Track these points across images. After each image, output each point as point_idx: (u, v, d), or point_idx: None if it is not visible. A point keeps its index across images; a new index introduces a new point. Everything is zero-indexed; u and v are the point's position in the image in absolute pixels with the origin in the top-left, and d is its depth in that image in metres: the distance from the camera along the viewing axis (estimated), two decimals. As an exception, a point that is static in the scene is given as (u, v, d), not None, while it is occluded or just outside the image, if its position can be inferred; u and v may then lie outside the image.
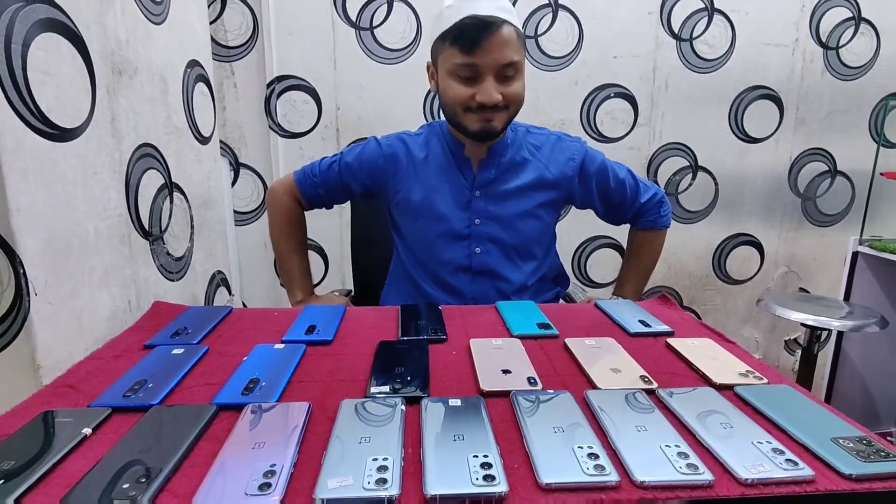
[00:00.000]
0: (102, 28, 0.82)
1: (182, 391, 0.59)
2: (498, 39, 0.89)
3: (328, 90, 1.63)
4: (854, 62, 1.77)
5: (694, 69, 1.72)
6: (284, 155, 1.66)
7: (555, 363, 0.66)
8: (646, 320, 0.80)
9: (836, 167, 1.85)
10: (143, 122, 0.94)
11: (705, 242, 1.86)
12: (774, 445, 0.47)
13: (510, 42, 0.90)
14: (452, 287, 1.06)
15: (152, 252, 0.97)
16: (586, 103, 1.71)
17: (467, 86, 0.92)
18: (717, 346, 0.71)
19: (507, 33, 0.90)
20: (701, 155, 1.79)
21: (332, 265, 1.76)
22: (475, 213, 1.04)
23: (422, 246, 1.07)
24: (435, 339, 0.73)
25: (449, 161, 1.05)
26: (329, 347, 0.71)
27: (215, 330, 0.78)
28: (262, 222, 1.71)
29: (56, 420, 0.51)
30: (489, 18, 0.88)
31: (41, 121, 0.67)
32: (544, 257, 1.11)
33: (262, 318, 0.83)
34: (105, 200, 0.82)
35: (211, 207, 1.28)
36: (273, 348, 0.69)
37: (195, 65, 1.21)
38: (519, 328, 0.76)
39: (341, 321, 0.81)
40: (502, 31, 0.89)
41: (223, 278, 1.36)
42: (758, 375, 0.61)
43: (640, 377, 0.61)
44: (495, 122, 0.94)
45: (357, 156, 1.08)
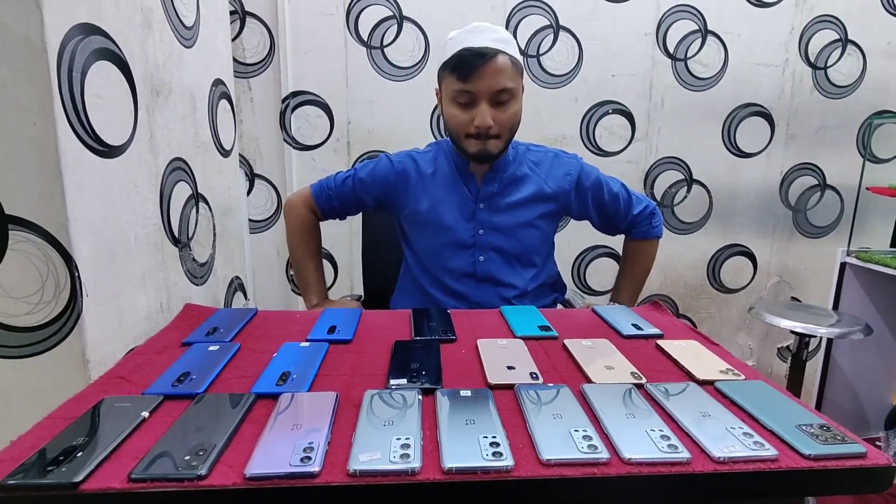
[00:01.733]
0: (144, 54, 0.90)
1: (222, 382, 0.66)
2: (491, 68, 0.98)
3: (340, 105, 1.72)
4: (841, 81, 1.85)
5: (688, 87, 1.80)
6: (298, 166, 1.74)
7: (554, 361, 0.73)
8: (638, 324, 0.87)
9: (825, 181, 1.92)
10: (175, 138, 1.02)
11: (700, 252, 1.94)
12: (745, 430, 0.54)
13: (504, 70, 0.99)
14: (458, 292, 1.14)
15: (181, 258, 1.04)
16: (586, 119, 1.79)
17: (465, 111, 1.02)
18: (701, 348, 0.78)
19: (502, 62, 0.99)
20: (695, 168, 1.87)
21: (342, 271, 1.84)
22: (479, 224, 1.12)
23: (429, 254, 1.15)
24: (445, 339, 0.80)
25: (455, 176, 1.13)
26: (349, 346, 0.78)
27: (244, 329, 0.85)
28: (276, 230, 1.79)
29: (116, 405, 0.59)
30: (484, 50, 0.97)
31: (94, 139, 0.75)
32: (543, 265, 1.19)
33: (286, 320, 0.90)
34: (143, 211, 0.90)
35: (230, 216, 1.35)
36: (299, 346, 0.76)
37: (219, 83, 1.29)
38: (522, 330, 0.84)
39: (359, 323, 0.88)
40: (496, 61, 0.98)
41: (240, 283, 1.44)
42: (736, 373, 0.68)
43: (631, 373, 0.68)
44: (490, 146, 1.04)
45: (370, 172, 1.16)
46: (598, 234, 1.85)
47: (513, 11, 1.70)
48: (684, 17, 1.75)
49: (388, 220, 1.42)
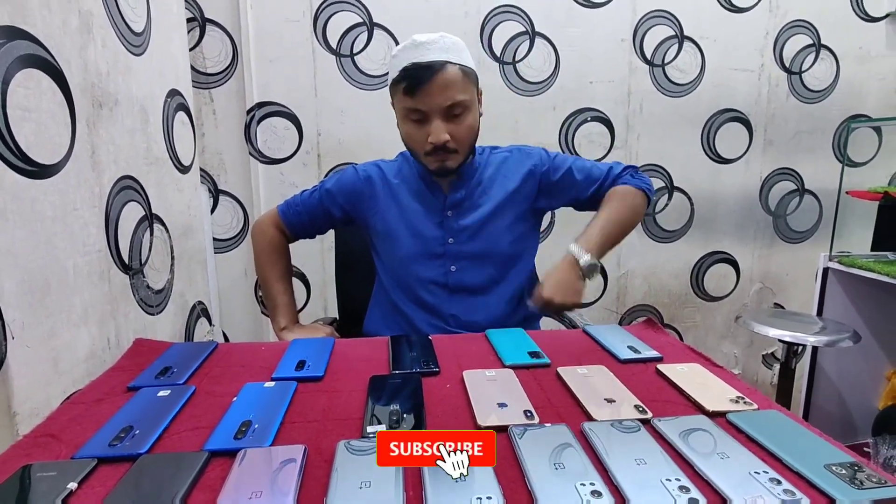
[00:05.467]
0: (83, 61, 0.81)
1: (171, 437, 0.57)
2: (439, 83, 0.93)
3: (309, 116, 1.63)
4: (816, 86, 1.85)
5: (667, 93, 1.77)
6: (265, 181, 1.64)
7: (549, 394, 0.66)
8: (634, 346, 0.81)
9: (803, 186, 1.92)
10: (123, 155, 0.93)
11: (683, 261, 1.91)
12: (771, 475, 0.48)
13: (454, 83, 0.94)
14: (431, 306, 1.07)
15: (132, 286, 0.94)
16: (564, 126, 1.75)
17: (419, 127, 0.98)
18: (706, 372, 0.72)
19: (451, 74, 0.93)
20: (676, 175, 1.84)
21: (315, 291, 1.74)
22: (448, 233, 1.06)
23: (399, 266, 1.09)
24: (428, 371, 0.73)
25: (420, 184, 1.09)
26: (320, 384, 0.70)
27: (201, 368, 0.75)
28: (243, 249, 1.69)
29: (37, 475, 0.49)
30: (430, 63, 0.92)
31: (20, 158, 0.66)
32: (521, 271, 1.12)
33: (249, 354, 0.81)
34: (85, 236, 0.80)
35: (191, 237, 1.25)
36: (263, 387, 0.67)
37: (175, 94, 1.19)
38: (511, 358, 0.76)
39: (331, 355, 0.80)
40: (444, 74, 0.93)
41: (203, 308, 1.33)
42: (748, 401, 0.62)
43: (635, 406, 0.61)
44: (450, 162, 1.00)
45: (336, 182, 1.13)
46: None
47: (487, 17, 1.65)
48: (660, 23, 1.72)
49: (362, 236, 1.34)
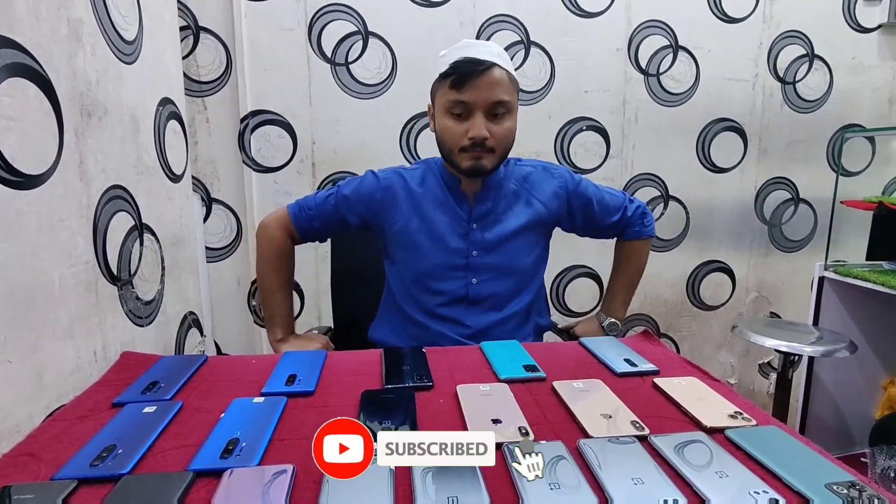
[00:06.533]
0: (72, 70, 0.80)
1: (155, 456, 0.55)
2: (487, 79, 0.94)
3: (303, 125, 1.62)
4: (810, 96, 1.86)
5: (662, 103, 1.78)
6: (259, 189, 1.63)
7: (544, 409, 0.65)
8: (631, 359, 0.80)
9: (798, 195, 1.92)
10: (112, 164, 0.91)
11: (679, 270, 1.90)
12: (771, 495, 0.47)
13: (500, 83, 0.96)
14: (447, 317, 1.06)
15: (121, 298, 0.93)
16: (560, 136, 1.75)
17: (460, 123, 0.98)
18: (703, 386, 0.71)
19: (498, 74, 0.96)
20: (671, 185, 1.84)
21: (309, 300, 1.73)
22: (473, 245, 1.06)
23: (418, 277, 1.07)
24: (421, 385, 0.71)
25: (446, 195, 1.07)
26: (311, 399, 0.68)
27: (190, 382, 0.74)
28: (236, 259, 1.67)
29: (15, 498, 0.47)
30: (481, 60, 0.94)
31: (5, 169, 0.64)
32: (538, 284, 1.15)
33: (239, 367, 0.80)
34: (71, 247, 0.78)
35: (182, 246, 1.24)
36: (252, 402, 0.66)
37: (167, 102, 1.18)
38: (505, 371, 0.75)
39: (322, 368, 0.78)
40: (493, 72, 0.95)
41: (195, 319, 1.31)
42: (746, 417, 0.61)
43: (632, 423, 0.60)
44: (485, 161, 0.99)
45: (355, 189, 1.09)
46: (577, 253, 1.82)
47: (482, 27, 1.65)
48: (655, 33, 1.73)
49: (359, 243, 1.32)
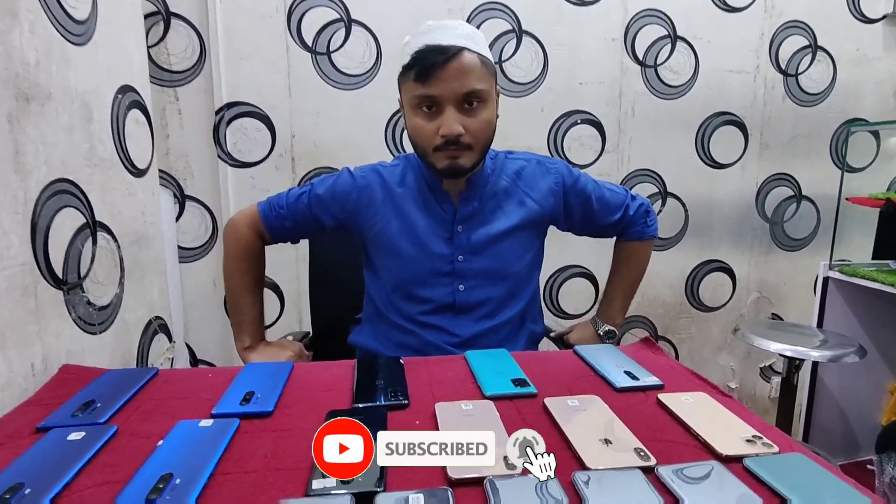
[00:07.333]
0: (4, 49, 0.71)
1: (72, 495, 0.46)
2: (455, 67, 0.84)
3: (282, 117, 1.54)
4: (813, 88, 1.79)
5: (659, 95, 1.70)
6: (235, 186, 1.54)
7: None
8: (632, 371, 0.72)
9: (800, 192, 1.85)
10: (57, 155, 0.82)
11: (677, 270, 1.83)
12: (806, 547, 0.39)
13: (471, 70, 0.85)
14: (437, 326, 0.97)
15: (67, 303, 0.84)
16: (553, 129, 1.67)
17: (430, 120, 0.87)
18: (714, 403, 0.63)
19: (468, 61, 0.84)
20: (669, 181, 1.76)
21: (289, 303, 1.64)
22: (458, 249, 0.96)
23: (400, 284, 0.98)
24: (395, 404, 0.63)
25: (427, 195, 0.98)
26: (268, 421, 0.60)
27: (133, 401, 0.65)
28: (211, 258, 1.58)
29: None
30: (446, 47, 0.83)
31: None
32: (530, 289, 1.05)
33: (193, 382, 0.71)
34: (3, 248, 0.69)
35: (146, 246, 1.15)
36: (198, 426, 0.57)
37: (128, 90, 1.09)
38: (491, 387, 0.67)
39: (286, 382, 0.70)
40: (461, 59, 0.84)
41: (161, 324, 1.22)
42: (766, 442, 0.53)
43: (635, 450, 0.52)
44: (462, 159, 0.89)
45: (329, 187, 1.00)
46: (571, 252, 1.74)
47: (471, 15, 1.57)
48: (652, 22, 1.65)
49: (340, 241, 1.24)
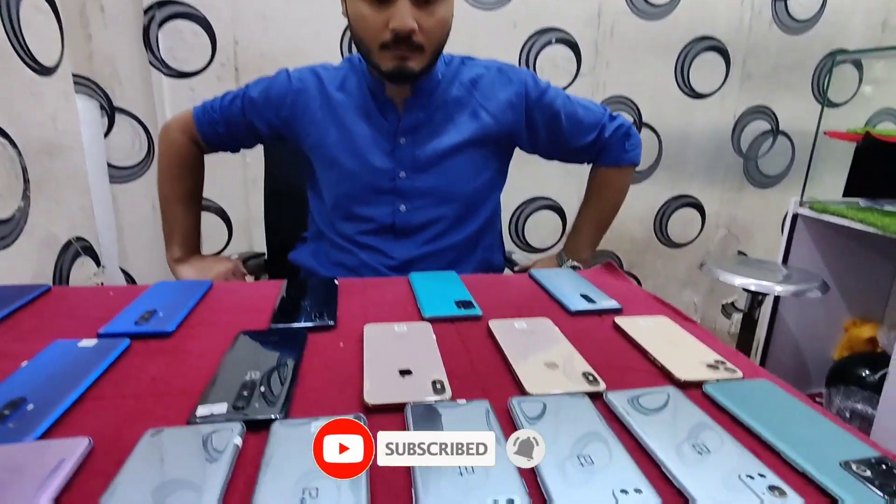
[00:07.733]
0: None
1: None
2: None
3: (223, 21, 1.36)
4: (801, 15, 1.67)
5: (641, 15, 1.57)
6: (171, 97, 1.38)
7: (473, 357, 0.50)
8: (589, 294, 0.65)
9: (777, 126, 1.78)
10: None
11: (648, 204, 1.77)
12: (770, 480, 0.33)
13: None
14: (374, 248, 0.89)
15: (-52, 212, 0.72)
16: (525, 48, 1.53)
17: (379, 10, 0.74)
18: (675, 327, 0.57)
19: None
20: (646, 111, 1.66)
21: (238, 228, 1.53)
22: (400, 165, 0.87)
23: (338, 202, 0.90)
24: (319, 325, 0.55)
25: (368, 102, 0.87)
26: (165, 342, 0.51)
27: (11, 318, 0.56)
28: (148, 179, 1.44)
29: None
30: None
31: None
32: (487, 214, 0.95)
33: (91, 301, 0.62)
34: None
35: (59, 157, 1.01)
36: (77, 346, 0.48)
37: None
38: (432, 309, 0.59)
39: (200, 302, 0.61)
40: None
41: (85, 246, 1.11)
42: (730, 367, 0.48)
43: (583, 374, 0.46)
44: (412, 62, 0.78)
45: (263, 90, 0.90)
46: (538, 184, 1.65)
47: None
48: (638, -71, 1.50)
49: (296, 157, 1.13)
